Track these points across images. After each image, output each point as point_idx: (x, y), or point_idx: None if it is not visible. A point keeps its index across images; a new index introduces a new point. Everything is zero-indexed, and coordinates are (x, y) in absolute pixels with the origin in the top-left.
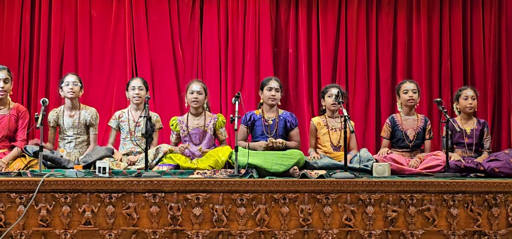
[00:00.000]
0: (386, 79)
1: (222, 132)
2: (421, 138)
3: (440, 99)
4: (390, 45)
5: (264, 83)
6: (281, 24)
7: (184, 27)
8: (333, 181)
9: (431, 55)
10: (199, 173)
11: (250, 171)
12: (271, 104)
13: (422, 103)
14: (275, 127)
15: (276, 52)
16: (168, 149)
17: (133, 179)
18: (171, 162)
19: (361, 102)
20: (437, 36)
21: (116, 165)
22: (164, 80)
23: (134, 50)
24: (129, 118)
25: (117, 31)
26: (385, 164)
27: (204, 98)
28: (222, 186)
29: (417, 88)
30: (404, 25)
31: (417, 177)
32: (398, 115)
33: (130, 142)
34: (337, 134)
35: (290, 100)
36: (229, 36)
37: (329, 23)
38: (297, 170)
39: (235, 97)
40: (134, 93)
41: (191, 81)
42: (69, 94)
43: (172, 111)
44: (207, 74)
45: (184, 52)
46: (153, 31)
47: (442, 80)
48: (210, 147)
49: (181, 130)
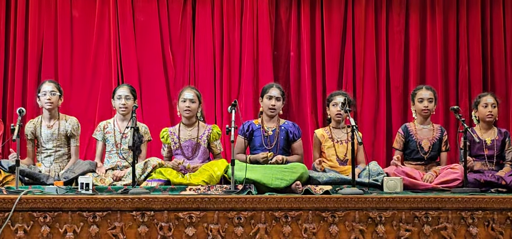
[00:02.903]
0: (397, 85)
1: (217, 145)
2: (437, 149)
3: (457, 107)
4: (402, 48)
5: (265, 90)
6: (282, 25)
7: (175, 28)
8: (339, 197)
9: (447, 58)
10: (192, 189)
11: (248, 187)
12: (270, 114)
13: (438, 112)
14: (276, 138)
15: (276, 56)
16: (158, 162)
17: (119, 196)
18: (161, 177)
19: (370, 110)
20: (453, 37)
21: (101, 181)
22: (153, 88)
23: (119, 54)
24: (114, 130)
25: (101, 33)
26: (397, 179)
27: (197, 107)
28: (217, 203)
29: (434, 96)
30: (417, 25)
31: (433, 192)
32: (412, 124)
33: (116, 155)
34: (343, 146)
35: (292, 108)
36: (224, 38)
37: (334, 23)
38: (300, 186)
39: (232, 106)
40: (120, 103)
41: (183, 88)
42: (46, 105)
43: (162, 122)
44: (200, 81)
45: (175, 56)
46: (141, 33)
47: (459, 86)
48: (204, 160)
49: (172, 142)
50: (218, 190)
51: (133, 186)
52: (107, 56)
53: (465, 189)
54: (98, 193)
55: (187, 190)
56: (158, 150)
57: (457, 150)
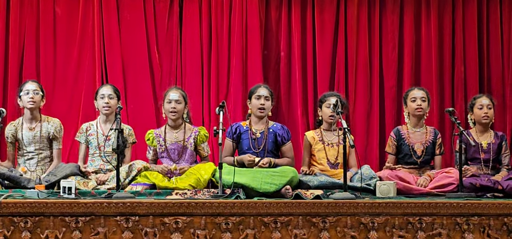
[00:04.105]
0: (391, 86)
1: (204, 147)
2: (431, 153)
3: (452, 109)
4: (396, 48)
5: (252, 92)
6: (272, 24)
7: (161, 27)
8: (331, 202)
9: (443, 59)
10: (178, 193)
11: (236, 191)
12: (260, 115)
13: (432, 114)
14: (264, 141)
15: (266, 56)
16: (143, 166)
17: (102, 200)
18: (146, 180)
19: (362, 112)
20: (449, 37)
21: (84, 184)
22: (138, 88)
23: (104, 53)
24: (98, 132)
25: (84, 31)
26: (390, 183)
27: (183, 108)
28: (204, 208)
29: (426, 96)
30: (411, 24)
31: (427, 197)
32: (404, 127)
33: (99, 158)
34: (334, 149)
35: (281, 110)
36: (212, 38)
37: (326, 22)
38: (290, 190)
39: (219, 107)
40: (103, 102)
41: (169, 89)
42: (29, 105)
43: (147, 124)
44: (187, 81)
45: (161, 56)
46: (126, 31)
47: (454, 87)
48: (191, 164)
49: (158, 144)
50: (205, 194)
51: (117, 190)
52: (91, 55)
53: (460, 194)
54: (81, 197)
55: (173, 194)
56: (143, 152)
57: (452, 154)
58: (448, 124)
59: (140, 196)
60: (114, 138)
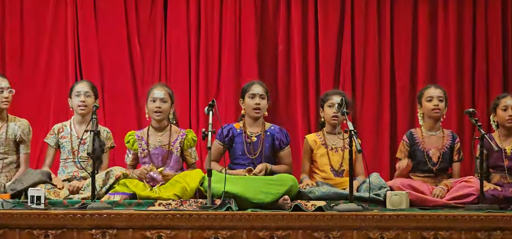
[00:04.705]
0: (403, 85)
1: (191, 153)
2: (448, 159)
3: (472, 110)
4: (409, 42)
5: (246, 89)
6: (269, 13)
7: (144, 16)
8: (334, 214)
9: (462, 54)
10: (162, 204)
11: (227, 202)
12: (255, 116)
13: (450, 116)
14: (260, 145)
15: (261, 49)
16: (122, 173)
17: (76, 211)
18: (125, 189)
19: (371, 113)
20: (469, 29)
21: (55, 194)
22: (117, 85)
23: (78, 45)
24: (71, 134)
25: (56, 21)
26: (402, 193)
27: (169, 107)
28: (191, 220)
29: (444, 96)
30: (426, 15)
31: (443, 209)
32: (418, 130)
33: (73, 164)
34: (338, 155)
35: (279, 111)
36: (201, 28)
37: (331, 11)
38: (289, 201)
39: (209, 107)
40: (79, 100)
41: (153, 86)
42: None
43: (127, 125)
44: (173, 77)
45: (143, 49)
46: (103, 21)
47: (475, 86)
48: (177, 171)
49: (139, 148)
50: (192, 205)
51: (92, 200)
52: (64, 48)
53: (481, 206)
54: (51, 207)
55: (156, 205)
56: (123, 158)
57: (472, 160)
58: (468, 127)
59: (119, 207)
60: (90, 140)
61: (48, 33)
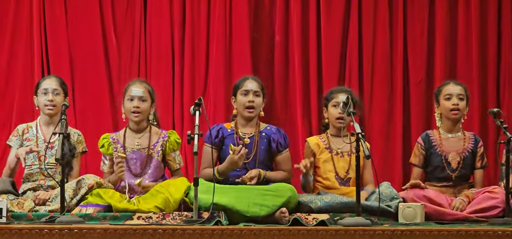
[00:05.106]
0: (418, 81)
1: (175, 157)
2: (470, 165)
3: (497, 110)
4: (425, 33)
5: (238, 86)
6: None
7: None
8: (339, 229)
9: (486, 47)
10: (141, 217)
11: (216, 215)
12: (248, 116)
13: (472, 116)
14: (254, 148)
15: (256, 40)
16: (95, 181)
17: (42, 225)
18: (99, 201)
19: (381, 114)
20: (494, 18)
21: (18, 205)
22: (90, 82)
23: (45, 37)
24: (37, 136)
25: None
26: (417, 205)
27: (149, 107)
28: (174, 236)
29: (464, 93)
30: (445, 4)
31: (464, 224)
32: (435, 132)
33: (39, 171)
34: (344, 160)
35: (276, 110)
36: (186, 15)
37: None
38: (287, 214)
39: (195, 105)
40: (46, 99)
41: (131, 83)
42: None
43: (101, 127)
44: (153, 72)
45: (119, 40)
46: (74, 9)
47: (500, 82)
48: (157, 178)
49: (115, 152)
50: (176, 219)
51: (61, 213)
52: (28, 40)
53: (507, 220)
54: (14, 221)
55: (134, 218)
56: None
57: (496, 167)
58: (492, 129)
59: (92, 221)
60: (58, 145)
61: (9, 25)
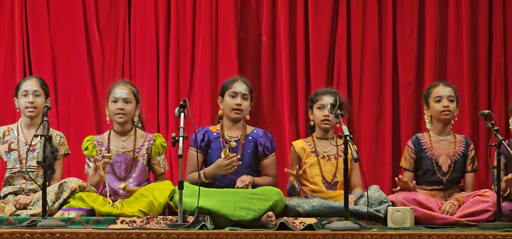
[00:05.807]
0: (408, 82)
1: (160, 161)
2: (460, 169)
3: (488, 112)
4: (415, 32)
5: (227, 87)
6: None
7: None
8: (327, 234)
9: (476, 47)
10: (125, 221)
11: (201, 219)
12: (234, 117)
13: (463, 118)
14: (240, 151)
15: (242, 40)
16: (78, 185)
17: (24, 230)
18: (82, 204)
19: (370, 116)
20: (484, 19)
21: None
22: (72, 82)
23: (27, 37)
24: (18, 139)
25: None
26: (406, 209)
27: (133, 109)
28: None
29: (455, 95)
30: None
31: (454, 228)
32: (425, 135)
33: (20, 174)
34: (331, 164)
35: (263, 112)
36: (171, 14)
37: None
38: (273, 218)
39: (180, 107)
40: (27, 101)
41: (115, 84)
42: None
43: (84, 129)
44: (138, 73)
45: (103, 40)
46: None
47: (492, 83)
48: (142, 182)
49: (99, 155)
50: (160, 223)
51: (43, 216)
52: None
53: (498, 224)
54: None
55: (118, 222)
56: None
57: (488, 170)
58: (483, 131)
59: (74, 225)
60: (40, 147)
61: None
